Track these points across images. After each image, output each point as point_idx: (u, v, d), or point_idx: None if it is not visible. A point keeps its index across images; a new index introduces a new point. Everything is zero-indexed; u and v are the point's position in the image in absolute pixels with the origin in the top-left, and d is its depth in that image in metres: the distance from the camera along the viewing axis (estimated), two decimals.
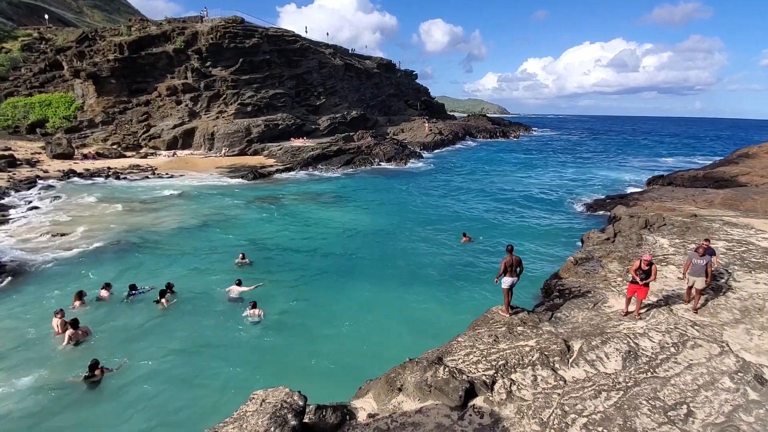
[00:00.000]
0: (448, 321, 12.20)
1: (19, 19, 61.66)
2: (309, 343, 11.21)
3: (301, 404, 5.89)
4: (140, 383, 9.39)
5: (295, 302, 13.61)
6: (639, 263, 8.94)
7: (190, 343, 11.07)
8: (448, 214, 26.05)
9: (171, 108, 46.68)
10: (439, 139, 67.47)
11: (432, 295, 14.21)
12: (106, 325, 11.77)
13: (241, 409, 5.81)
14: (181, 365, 10.12)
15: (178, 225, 21.43)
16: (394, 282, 15.21)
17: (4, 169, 30.40)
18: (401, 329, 12.07)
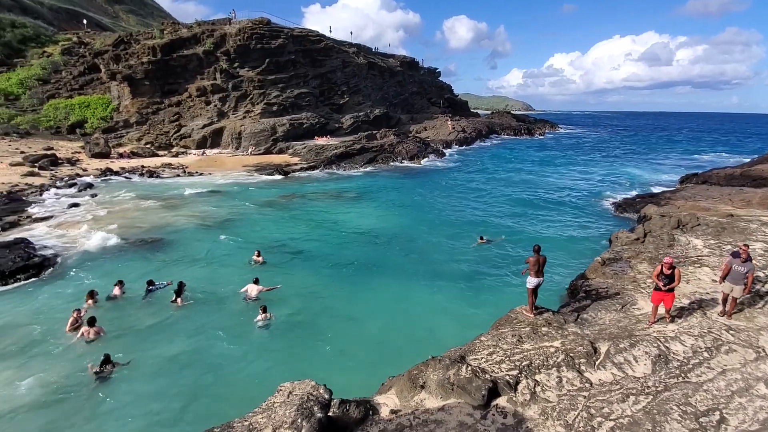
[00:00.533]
0: (470, 320, 12.20)
1: (59, 24, 64.88)
2: (328, 340, 11.38)
3: (327, 398, 6.04)
4: (150, 380, 9.53)
5: (315, 299, 13.79)
6: (660, 268, 8.50)
7: (204, 340, 11.14)
8: (470, 213, 25.87)
9: (201, 108, 48.12)
10: (462, 137, 66.86)
11: (453, 294, 14.21)
12: (119, 322, 11.90)
13: (269, 400, 6.00)
14: (193, 362, 10.20)
15: (204, 222, 22.15)
16: (414, 281, 15.29)
17: (46, 168, 32.22)
18: (421, 327, 12.15)
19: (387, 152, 47.84)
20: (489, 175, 40.61)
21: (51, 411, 8.51)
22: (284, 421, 5.49)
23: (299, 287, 14.54)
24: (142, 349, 10.64)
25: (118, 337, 11.25)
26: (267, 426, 5.45)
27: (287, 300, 13.42)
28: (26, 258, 15.26)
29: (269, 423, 5.50)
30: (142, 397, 8.95)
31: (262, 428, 5.44)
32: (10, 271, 14.40)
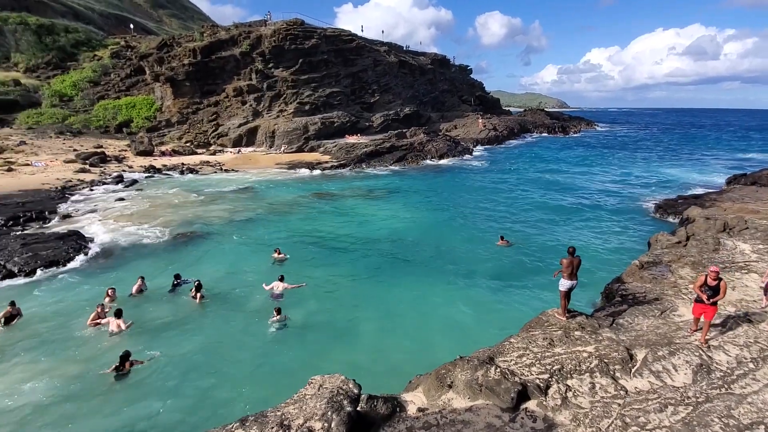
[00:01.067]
0: (498, 322, 12.07)
1: (108, 29, 68.72)
2: (353, 337, 11.53)
3: (356, 392, 6.16)
4: (167, 376, 9.62)
5: (340, 296, 13.97)
6: (705, 278, 7.82)
7: (221, 338, 11.25)
8: (499, 214, 25.43)
9: (237, 108, 49.74)
10: (493, 135, 65.70)
11: (480, 295, 14.09)
12: (142, 317, 12.09)
13: (300, 392, 6.18)
14: (209, 360, 10.28)
15: (236, 218, 22.91)
16: (441, 280, 15.26)
17: (96, 165, 34.38)
18: (448, 327, 12.12)
19: (416, 151, 47.75)
20: (520, 174, 39.73)
21: (65, 402, 8.66)
22: (315, 413, 5.64)
23: (325, 284, 14.79)
24: (161, 345, 10.75)
25: (138, 332, 11.40)
26: (299, 417, 5.62)
27: (313, 296, 13.66)
28: (78, 249, 16.41)
29: (301, 414, 5.67)
30: (157, 393, 9.01)
31: (294, 419, 5.62)
32: (63, 260, 15.52)
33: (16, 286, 14.01)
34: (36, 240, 16.66)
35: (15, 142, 37.82)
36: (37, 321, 11.80)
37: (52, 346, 10.67)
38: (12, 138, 38.77)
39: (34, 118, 44.28)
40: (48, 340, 10.92)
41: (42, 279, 14.58)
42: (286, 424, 5.39)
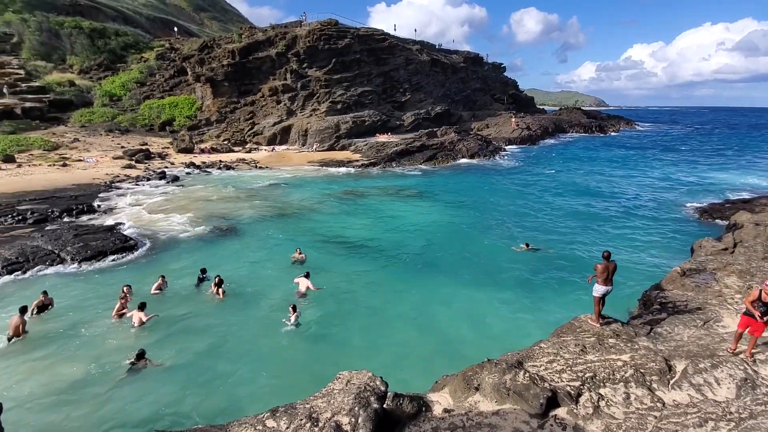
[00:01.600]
0: (527, 326, 11.89)
1: (154, 32, 72.26)
2: (378, 335, 11.62)
3: (383, 390, 6.24)
4: (179, 372, 9.74)
5: (366, 295, 14.06)
6: (759, 293, 7.16)
7: (238, 334, 11.38)
8: (530, 216, 24.84)
9: (272, 107, 51.11)
10: (526, 135, 64.12)
11: (509, 298, 13.86)
12: (163, 311, 12.27)
13: (328, 387, 6.33)
14: (223, 355, 10.42)
15: (267, 214, 23.57)
16: (469, 282, 15.12)
17: (141, 161, 36.36)
18: (475, 329, 12.02)
19: (447, 150, 47.37)
20: (553, 175, 38.61)
21: (76, 391, 8.98)
22: (342, 408, 5.76)
23: (351, 282, 14.95)
24: (181, 340, 10.99)
25: (159, 327, 11.62)
26: (326, 410, 5.77)
27: (339, 294, 13.84)
28: (123, 240, 17.42)
29: (329, 408, 5.81)
30: (169, 391, 9.09)
31: (322, 412, 5.77)
32: (110, 250, 16.54)
33: (64, 274, 14.99)
34: (86, 231, 17.83)
35: (69, 139, 40.56)
36: (68, 311, 12.23)
37: (74, 337, 11.02)
38: (67, 135, 41.59)
39: (87, 116, 47.26)
40: (71, 331, 11.28)
41: (87, 269, 15.52)
42: (314, 417, 5.54)
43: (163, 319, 11.97)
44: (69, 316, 12.00)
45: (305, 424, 5.36)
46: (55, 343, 10.75)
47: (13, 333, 10.65)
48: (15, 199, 23.07)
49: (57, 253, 15.85)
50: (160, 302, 12.91)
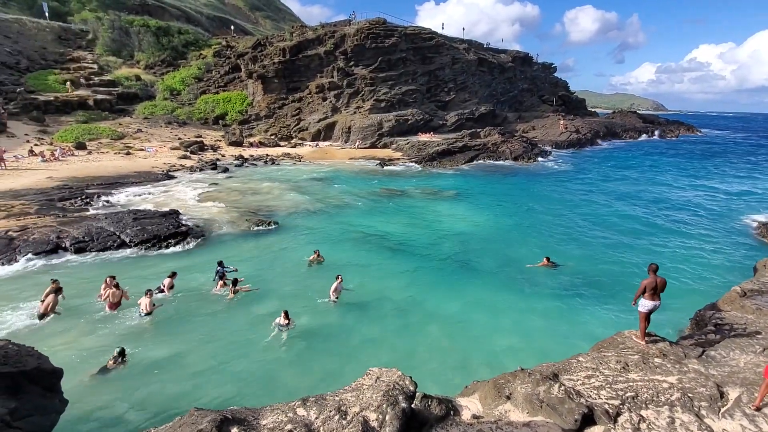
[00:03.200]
0: (564, 338, 11.55)
1: (213, 30, 76.24)
2: (407, 335, 11.67)
3: (412, 389, 6.28)
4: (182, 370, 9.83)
5: (399, 294, 14.11)
6: None
7: (250, 335, 11.37)
8: (572, 224, 23.81)
9: (318, 104, 52.38)
10: (574, 138, 61.40)
11: (547, 308, 13.49)
12: (174, 309, 12.40)
13: (358, 381, 6.46)
14: (236, 355, 10.46)
15: (306, 209, 24.17)
16: (505, 288, 14.86)
17: (195, 152, 38.64)
18: (508, 337, 11.81)
19: (490, 151, 46.39)
20: (601, 182, 36.77)
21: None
22: (371, 404, 5.86)
23: (384, 281, 15.08)
24: (189, 334, 11.19)
25: (164, 321, 11.83)
26: (355, 404, 5.90)
27: (371, 291, 14.01)
28: (176, 226, 18.60)
29: (357, 402, 5.94)
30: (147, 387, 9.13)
31: (351, 406, 5.91)
32: (164, 236, 17.72)
33: (116, 259, 16.20)
34: (144, 216, 19.21)
35: (133, 129, 43.78)
36: (75, 296, 12.52)
37: (74, 320, 11.46)
38: (131, 126, 44.91)
39: (150, 109, 50.74)
40: (74, 315, 11.75)
41: (139, 253, 16.67)
42: (343, 410, 5.68)
43: (172, 313, 12.10)
44: (74, 301, 12.33)
45: (334, 416, 5.51)
46: (55, 325, 11.25)
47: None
48: (84, 183, 25.28)
49: (118, 234, 17.23)
50: (173, 298, 13.00)
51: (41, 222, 17.75)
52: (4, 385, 6.83)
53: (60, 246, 15.90)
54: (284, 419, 5.37)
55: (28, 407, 6.92)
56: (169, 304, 12.58)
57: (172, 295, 13.11)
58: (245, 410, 5.65)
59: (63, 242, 16.05)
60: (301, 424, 5.23)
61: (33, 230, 16.58)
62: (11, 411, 6.64)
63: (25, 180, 24.94)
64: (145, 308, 11.78)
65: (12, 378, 6.89)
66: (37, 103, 42.36)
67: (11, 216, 18.35)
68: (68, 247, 15.94)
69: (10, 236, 15.94)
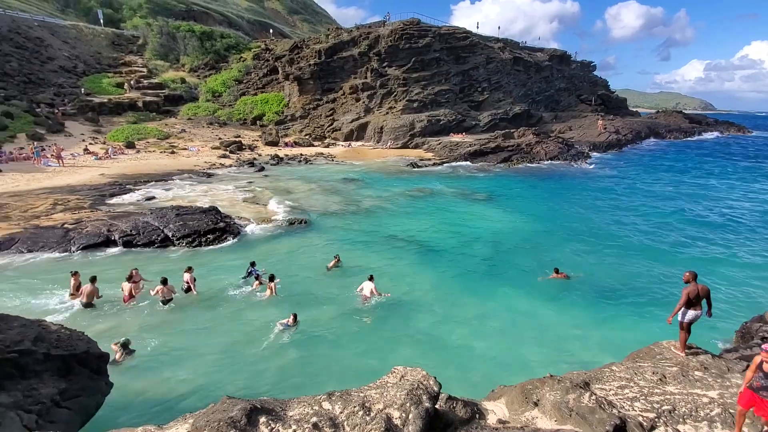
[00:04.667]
0: (596, 346, 11.16)
1: (253, 34, 79.05)
2: (433, 334, 11.63)
3: (436, 390, 6.29)
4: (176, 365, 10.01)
5: (427, 294, 14.05)
6: (760, 360, 5.47)
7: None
8: (610, 228, 22.80)
9: (351, 104, 53.09)
10: (614, 139, 58.77)
11: (579, 314, 13.05)
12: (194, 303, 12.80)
13: (383, 379, 6.54)
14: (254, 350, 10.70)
15: (336, 209, 24.45)
16: (536, 293, 14.48)
17: (234, 152, 40.23)
18: (537, 342, 11.53)
19: (524, 152, 45.25)
20: (640, 185, 34.99)
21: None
22: (394, 402, 5.93)
23: (412, 281, 15.05)
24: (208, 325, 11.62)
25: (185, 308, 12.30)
26: (379, 402, 5.98)
27: (398, 293, 13.98)
28: (215, 222, 19.43)
29: (381, 399, 6.02)
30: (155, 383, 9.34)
31: (375, 402, 5.99)
32: (203, 231, 18.58)
33: (146, 252, 17.10)
34: (186, 212, 20.19)
35: (178, 129, 46.10)
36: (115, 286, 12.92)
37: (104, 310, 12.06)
38: (176, 126, 47.31)
39: (193, 110, 53.29)
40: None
41: (177, 247, 17.54)
42: (367, 406, 5.78)
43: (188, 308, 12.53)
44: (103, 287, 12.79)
45: (358, 412, 5.62)
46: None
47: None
48: (133, 180, 26.91)
49: (161, 229, 18.22)
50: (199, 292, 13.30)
51: (94, 216, 19.08)
52: (56, 366, 7.37)
53: (110, 239, 17.04)
54: (310, 412, 5.53)
55: (76, 388, 7.42)
56: (193, 298, 13.09)
57: (195, 290, 13.32)
58: (273, 401, 5.86)
59: (112, 235, 17.18)
60: (326, 418, 5.38)
61: (86, 223, 17.86)
62: (61, 391, 7.16)
63: (81, 176, 26.88)
64: (162, 295, 12.29)
65: (63, 360, 7.41)
66: (92, 104, 45.50)
67: (67, 210, 19.85)
68: (117, 239, 17.04)
69: (66, 228, 17.26)
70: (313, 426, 5.10)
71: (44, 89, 44.97)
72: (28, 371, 6.94)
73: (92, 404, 7.68)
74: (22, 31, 49.96)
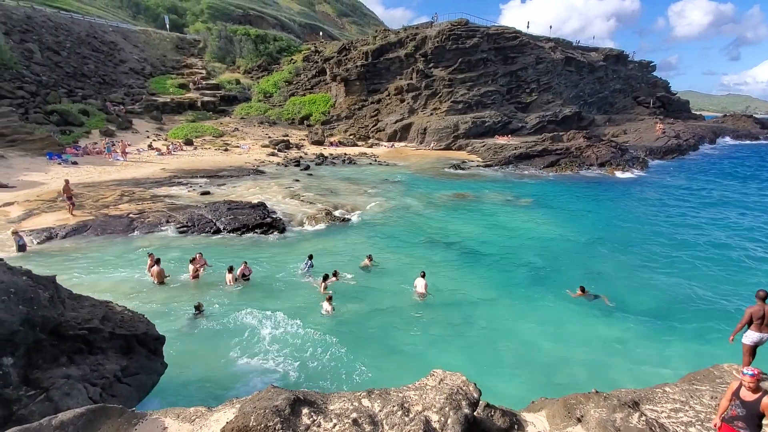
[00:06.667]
0: (646, 364, 10.53)
1: (304, 36, 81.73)
2: (473, 343, 11.46)
3: (476, 396, 6.22)
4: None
5: (466, 301, 13.84)
6: (738, 387, 4.97)
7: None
8: (663, 240, 21.30)
9: (396, 105, 53.36)
10: (674, 144, 54.72)
11: (629, 329, 12.36)
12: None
13: (422, 381, 6.56)
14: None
15: (378, 209, 24.64)
16: (581, 304, 13.84)
17: (282, 150, 41.79)
18: (581, 355, 11.06)
19: (573, 156, 43.29)
20: (703, 194, 32.41)
21: None
22: (433, 405, 5.93)
23: (453, 286, 14.90)
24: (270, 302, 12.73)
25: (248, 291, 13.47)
26: (418, 403, 6.02)
27: (435, 294, 13.94)
28: (263, 217, 20.32)
29: (420, 401, 6.05)
30: None
31: (414, 404, 6.03)
32: (252, 225, 19.48)
33: (206, 241, 18.15)
34: (237, 206, 21.26)
35: (231, 128, 48.53)
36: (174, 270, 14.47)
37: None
38: (230, 125, 49.82)
39: (246, 110, 55.81)
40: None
41: (227, 237, 18.51)
42: (406, 407, 5.83)
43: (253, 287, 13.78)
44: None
45: (396, 411, 5.69)
46: None
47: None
48: (189, 175, 28.70)
49: (214, 222, 19.32)
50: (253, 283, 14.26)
51: (155, 207, 20.57)
52: (119, 345, 8.02)
53: (168, 229, 18.33)
54: (350, 407, 5.66)
55: (136, 366, 8.04)
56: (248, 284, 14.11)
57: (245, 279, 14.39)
58: (315, 393, 6.07)
59: (170, 226, 18.47)
60: (366, 415, 5.49)
61: (148, 214, 19.30)
62: (123, 368, 7.78)
63: (144, 170, 29.05)
64: (230, 282, 13.71)
65: (126, 339, 8.04)
66: (156, 104, 48.95)
67: (132, 200, 21.54)
68: (174, 230, 18.29)
69: (130, 218, 18.76)
70: (353, 422, 5.22)
71: (116, 89, 48.97)
72: (95, 347, 7.58)
73: (149, 383, 8.26)
74: (99, 36, 54.71)
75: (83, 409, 4.88)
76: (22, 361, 6.24)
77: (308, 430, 4.98)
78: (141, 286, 13.31)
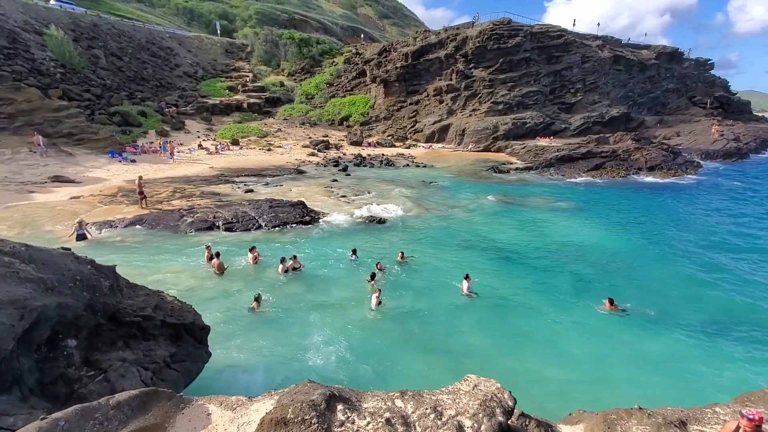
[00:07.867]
0: (692, 382, 9.95)
1: (345, 39, 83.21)
2: (510, 350, 11.25)
3: (510, 405, 6.11)
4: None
5: (504, 306, 13.61)
6: (735, 428, 4.36)
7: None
8: (717, 251, 19.81)
9: (434, 106, 53.07)
10: (732, 147, 50.69)
11: (678, 344, 11.67)
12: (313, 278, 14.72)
13: (455, 385, 6.53)
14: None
15: (415, 211, 24.52)
16: (622, 315, 13.18)
17: (321, 150, 42.82)
18: (624, 369, 10.56)
19: (619, 159, 41.15)
20: (760, 202, 29.81)
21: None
22: (467, 410, 5.89)
23: (492, 291, 14.66)
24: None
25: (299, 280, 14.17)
26: (451, 408, 6.00)
27: (477, 301, 13.77)
28: (302, 215, 20.96)
29: (453, 405, 6.03)
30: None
31: (447, 408, 6.02)
32: (292, 223, 20.18)
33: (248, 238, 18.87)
34: (278, 204, 22.02)
35: (275, 129, 50.28)
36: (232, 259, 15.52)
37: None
38: (273, 126, 51.63)
39: (289, 111, 57.60)
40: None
41: (269, 232, 19.24)
42: (439, 410, 5.83)
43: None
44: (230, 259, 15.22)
45: (429, 414, 5.71)
46: None
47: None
48: (235, 173, 30.08)
49: (257, 219, 20.15)
50: (302, 276, 14.99)
51: (203, 203, 21.73)
52: (169, 333, 8.58)
53: (214, 224, 19.32)
54: (383, 407, 5.75)
55: (183, 354, 8.57)
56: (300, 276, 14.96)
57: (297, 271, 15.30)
58: (349, 390, 6.21)
59: (217, 222, 19.46)
60: (398, 415, 5.55)
61: (197, 210, 20.43)
62: (172, 355, 8.32)
63: (194, 169, 30.74)
64: (281, 272, 14.73)
65: (175, 328, 8.57)
66: (207, 105, 51.59)
67: (183, 197, 22.88)
68: (220, 225, 19.27)
69: (181, 213, 19.94)
70: (386, 421, 5.31)
71: (171, 92, 52.06)
72: (147, 334, 8.15)
73: (194, 369, 8.78)
74: (157, 42, 58.39)
75: (138, 391, 5.28)
76: (84, 344, 6.81)
77: (343, 426, 5.11)
78: (201, 275, 14.28)
